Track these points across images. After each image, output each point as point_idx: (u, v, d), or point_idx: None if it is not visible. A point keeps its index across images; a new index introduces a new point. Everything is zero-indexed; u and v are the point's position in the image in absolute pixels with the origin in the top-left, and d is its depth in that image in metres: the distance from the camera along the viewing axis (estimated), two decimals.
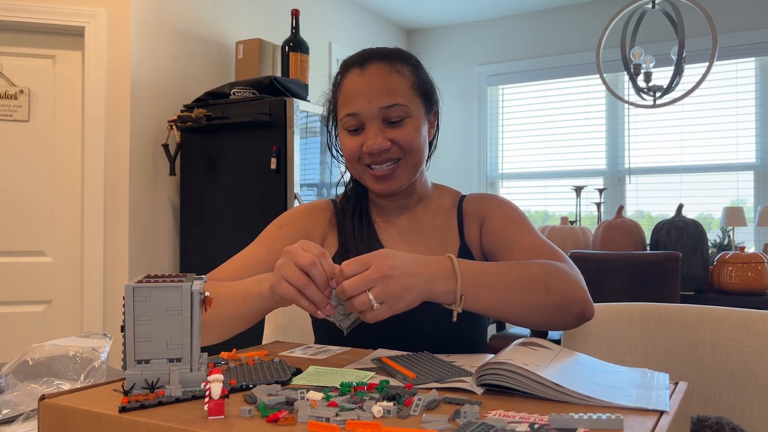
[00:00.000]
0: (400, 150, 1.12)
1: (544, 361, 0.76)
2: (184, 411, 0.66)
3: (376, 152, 1.11)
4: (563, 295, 0.99)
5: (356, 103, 1.11)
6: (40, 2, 2.83)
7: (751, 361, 1.13)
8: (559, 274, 1.00)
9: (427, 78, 1.19)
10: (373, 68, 1.13)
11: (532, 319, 0.99)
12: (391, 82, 1.11)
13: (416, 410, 0.64)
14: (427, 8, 4.66)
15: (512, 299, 0.96)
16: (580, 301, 1.00)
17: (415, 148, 1.13)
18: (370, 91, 1.11)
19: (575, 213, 3.86)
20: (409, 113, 1.12)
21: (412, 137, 1.12)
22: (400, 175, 1.14)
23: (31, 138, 2.90)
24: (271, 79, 2.87)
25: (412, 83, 1.14)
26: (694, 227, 2.90)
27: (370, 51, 1.17)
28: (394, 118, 1.11)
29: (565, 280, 1.00)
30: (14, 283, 2.86)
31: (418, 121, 1.14)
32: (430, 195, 1.25)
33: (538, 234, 1.15)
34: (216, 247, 2.95)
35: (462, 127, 4.92)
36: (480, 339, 1.21)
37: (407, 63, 1.16)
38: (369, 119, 1.11)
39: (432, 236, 1.20)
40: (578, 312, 1.01)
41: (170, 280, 0.74)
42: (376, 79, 1.11)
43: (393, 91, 1.11)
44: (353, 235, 1.18)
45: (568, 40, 4.59)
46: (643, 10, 3.44)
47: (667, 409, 0.66)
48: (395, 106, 1.11)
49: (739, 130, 4.13)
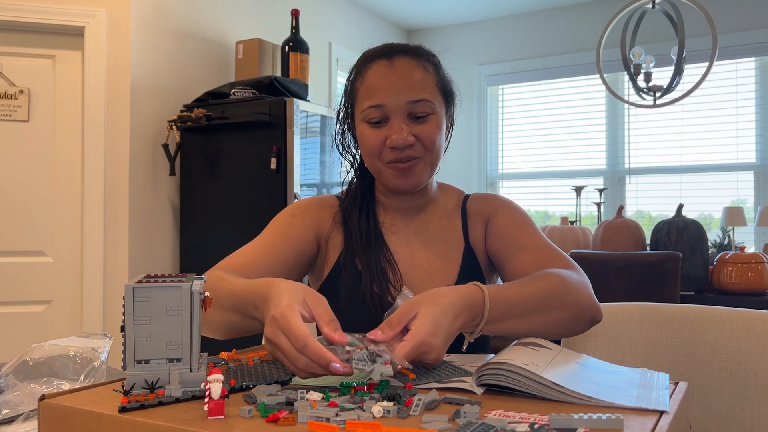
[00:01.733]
0: (421, 147, 1.10)
1: (544, 361, 0.76)
2: (184, 411, 0.66)
3: (401, 146, 1.08)
4: (578, 306, 0.99)
5: (382, 94, 1.09)
6: (40, 2, 2.83)
7: (751, 361, 1.13)
8: (574, 286, 0.99)
9: (447, 77, 1.19)
10: (402, 61, 1.11)
11: (548, 333, 0.97)
12: (419, 76, 1.10)
13: (416, 410, 0.64)
14: (427, 8, 4.66)
15: (534, 321, 0.95)
16: (592, 308, 1.01)
17: (437, 146, 1.12)
18: (398, 83, 1.09)
19: (575, 213, 3.86)
20: (434, 110, 1.11)
21: (435, 134, 1.11)
22: (420, 172, 1.12)
23: (31, 138, 2.90)
24: (271, 79, 2.87)
25: (436, 81, 1.13)
26: (694, 227, 2.90)
27: (396, 45, 1.15)
28: (420, 113, 1.10)
29: (579, 290, 1.00)
30: (14, 283, 2.86)
31: (440, 119, 1.13)
32: (436, 195, 1.25)
33: (542, 236, 1.15)
34: (216, 247, 2.94)
35: (462, 127, 4.92)
36: (483, 339, 1.21)
37: (431, 60, 1.15)
38: (395, 112, 1.09)
39: (437, 239, 1.19)
40: (589, 319, 1.01)
41: (170, 280, 0.74)
42: (404, 73, 1.10)
43: (421, 85, 1.10)
44: (360, 237, 1.16)
45: (568, 40, 4.59)
46: (643, 10, 3.44)
47: (667, 409, 0.66)
48: (422, 101, 1.09)
49: (739, 130, 4.13)
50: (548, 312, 0.96)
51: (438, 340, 0.80)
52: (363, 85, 1.12)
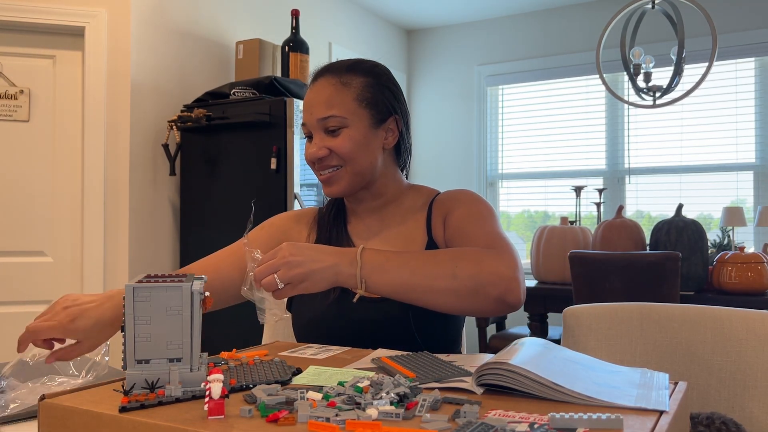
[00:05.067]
0: (339, 158, 1.19)
1: (544, 361, 0.76)
2: (184, 411, 0.66)
3: (315, 160, 1.20)
4: (474, 279, 1.01)
5: (305, 113, 1.21)
6: (40, 2, 2.83)
7: (751, 361, 1.13)
8: (473, 259, 1.03)
9: (381, 89, 1.23)
10: (321, 81, 1.21)
11: (442, 302, 1.03)
12: (331, 94, 1.19)
13: (421, 411, 0.64)
14: (427, 8, 4.67)
15: (417, 283, 1.02)
16: (497, 285, 1.01)
17: (353, 156, 1.19)
18: (311, 102, 1.20)
19: (575, 213, 3.86)
20: (346, 123, 1.18)
21: (346, 146, 1.18)
22: (340, 180, 1.20)
23: (31, 138, 2.90)
24: (271, 79, 2.87)
25: (356, 95, 1.19)
26: (694, 227, 2.90)
27: (328, 65, 1.25)
28: (331, 128, 1.18)
29: (479, 264, 1.02)
30: (14, 283, 2.86)
31: (356, 131, 1.19)
32: (402, 196, 1.30)
33: (493, 226, 1.16)
34: (216, 247, 2.92)
35: (462, 127, 4.92)
36: (451, 338, 1.22)
37: (360, 74, 1.21)
38: (313, 129, 1.20)
39: (399, 234, 1.25)
40: (496, 296, 1.02)
41: (170, 280, 0.74)
42: (317, 92, 1.20)
43: (330, 103, 1.18)
44: (326, 232, 1.28)
45: (567, 40, 4.59)
46: (643, 10, 3.44)
47: (666, 408, 0.66)
48: (331, 117, 1.18)
49: (738, 130, 4.13)
50: (432, 277, 1.02)
51: (292, 251, 0.98)
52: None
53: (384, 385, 0.69)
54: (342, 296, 1.17)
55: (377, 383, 0.70)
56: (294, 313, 1.28)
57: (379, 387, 0.69)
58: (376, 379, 0.72)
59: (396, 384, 0.69)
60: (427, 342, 1.14)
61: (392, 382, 0.70)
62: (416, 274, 1.02)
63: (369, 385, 0.69)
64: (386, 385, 0.69)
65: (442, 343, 1.19)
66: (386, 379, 0.71)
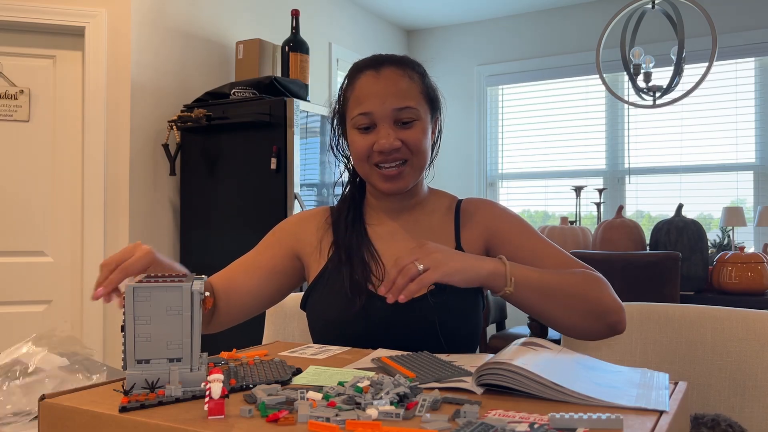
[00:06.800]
0: (408, 151, 1.17)
1: (544, 361, 0.76)
2: (184, 411, 0.66)
3: (387, 151, 1.15)
4: (599, 302, 1.05)
5: (370, 102, 1.16)
6: (40, 2, 2.83)
7: (751, 361, 1.13)
8: (596, 285, 1.07)
9: (433, 85, 1.25)
10: (388, 71, 1.18)
11: (567, 317, 1.06)
12: (404, 85, 1.17)
13: (421, 411, 0.64)
14: (427, 8, 4.66)
15: (555, 294, 1.04)
16: (615, 312, 1.06)
17: (422, 149, 1.18)
18: (385, 92, 1.16)
19: (575, 213, 3.86)
20: (419, 116, 1.18)
21: (420, 138, 1.17)
22: (407, 175, 1.18)
23: (31, 138, 2.90)
24: (271, 79, 2.87)
25: (421, 89, 1.20)
26: (694, 227, 2.90)
27: (383, 56, 1.23)
28: (405, 119, 1.16)
29: (602, 290, 1.07)
30: (14, 283, 2.86)
31: (425, 124, 1.19)
32: (426, 199, 1.29)
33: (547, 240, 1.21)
34: (216, 247, 2.95)
35: (462, 127, 4.92)
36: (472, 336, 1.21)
37: (417, 70, 1.22)
38: (381, 119, 1.16)
39: (426, 235, 1.23)
40: (612, 323, 1.06)
41: (170, 280, 0.74)
42: (390, 82, 1.17)
43: (406, 94, 1.17)
44: (344, 233, 1.23)
45: (568, 40, 4.59)
46: (643, 10, 3.44)
47: (666, 408, 0.66)
48: (407, 108, 1.16)
49: (738, 130, 4.13)
50: (570, 297, 1.04)
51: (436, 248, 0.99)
52: (353, 94, 1.20)
53: (384, 385, 0.69)
54: (367, 300, 1.14)
55: (377, 383, 0.70)
56: (311, 315, 1.23)
57: (379, 387, 0.69)
58: (376, 379, 0.72)
59: (396, 384, 0.69)
60: (451, 347, 1.12)
61: (392, 382, 0.70)
62: (554, 286, 1.05)
63: (369, 385, 0.69)
64: (386, 385, 0.69)
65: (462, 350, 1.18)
66: (386, 379, 0.71)
